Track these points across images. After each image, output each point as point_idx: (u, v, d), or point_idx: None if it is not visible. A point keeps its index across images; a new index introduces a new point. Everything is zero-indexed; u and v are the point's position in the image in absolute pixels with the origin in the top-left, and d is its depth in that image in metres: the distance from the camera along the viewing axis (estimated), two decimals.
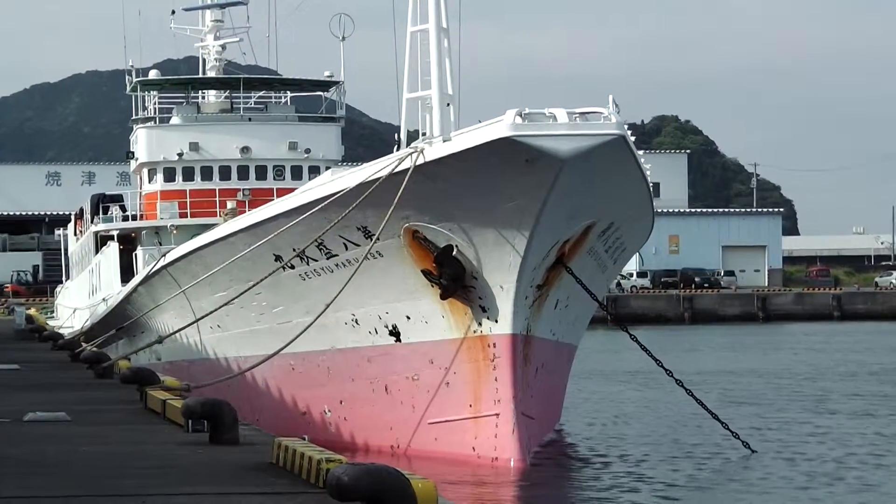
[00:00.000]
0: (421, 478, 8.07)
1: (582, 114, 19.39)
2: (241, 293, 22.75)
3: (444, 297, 20.86)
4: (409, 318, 21.63)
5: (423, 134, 23.47)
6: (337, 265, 21.92)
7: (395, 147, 25.29)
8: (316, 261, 22.13)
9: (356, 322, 22.31)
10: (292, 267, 22.43)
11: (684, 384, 22.75)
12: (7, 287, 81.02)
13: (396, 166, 19.95)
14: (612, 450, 23.15)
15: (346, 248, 21.55)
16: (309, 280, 22.57)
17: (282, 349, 21.80)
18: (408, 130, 25.44)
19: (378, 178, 20.17)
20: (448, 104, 24.55)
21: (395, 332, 21.94)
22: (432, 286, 20.92)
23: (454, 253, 20.54)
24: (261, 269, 22.93)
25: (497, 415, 20.71)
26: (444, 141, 19.96)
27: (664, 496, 18.42)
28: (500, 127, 18.95)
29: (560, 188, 19.28)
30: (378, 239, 20.65)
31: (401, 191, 19.74)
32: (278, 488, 9.41)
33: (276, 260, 22.67)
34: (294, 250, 22.14)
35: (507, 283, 20.45)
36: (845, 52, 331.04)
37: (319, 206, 21.08)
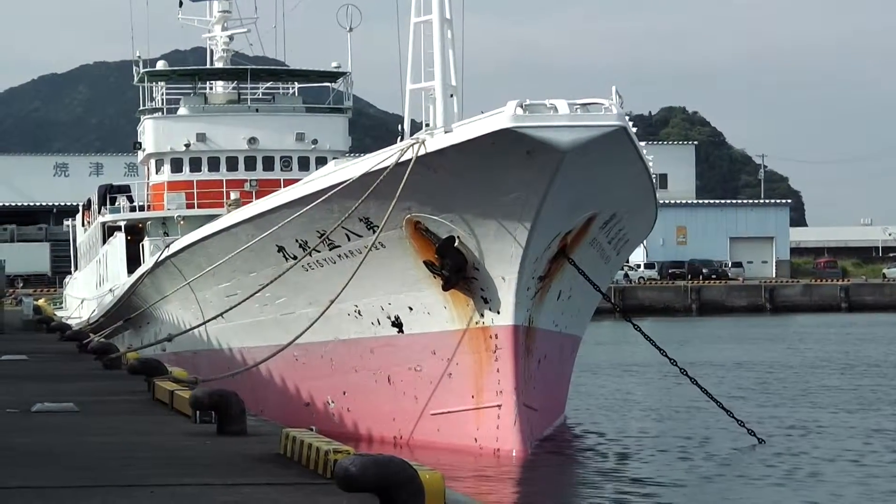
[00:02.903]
0: (429, 469, 8.09)
1: (583, 105, 19.47)
2: (254, 293, 22.88)
3: (446, 288, 20.97)
4: (411, 309, 21.75)
5: (427, 125, 23.57)
6: (339, 256, 22.05)
7: (399, 138, 25.43)
8: (318, 252, 22.26)
9: (359, 313, 22.46)
10: (295, 258, 22.59)
11: (689, 374, 22.82)
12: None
13: (398, 158, 20.06)
14: (616, 440, 23.20)
15: (349, 239, 21.67)
16: (311, 271, 22.71)
17: (292, 342, 21.94)
18: (413, 121, 25.54)
19: (381, 170, 20.28)
20: (451, 95, 24.63)
21: (397, 323, 22.07)
22: (434, 277, 21.04)
23: (456, 244, 20.66)
24: (263, 259, 23.08)
25: (499, 406, 20.83)
26: (446, 132, 20.07)
27: (669, 487, 18.43)
28: (501, 118, 19.04)
29: (561, 179, 19.38)
30: (380, 230, 20.76)
31: (403, 182, 19.86)
32: (286, 479, 9.47)
33: (278, 251, 22.82)
34: (297, 241, 22.28)
35: (508, 275, 20.55)
36: (854, 43, 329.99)
37: (322, 198, 21.20)
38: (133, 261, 33.65)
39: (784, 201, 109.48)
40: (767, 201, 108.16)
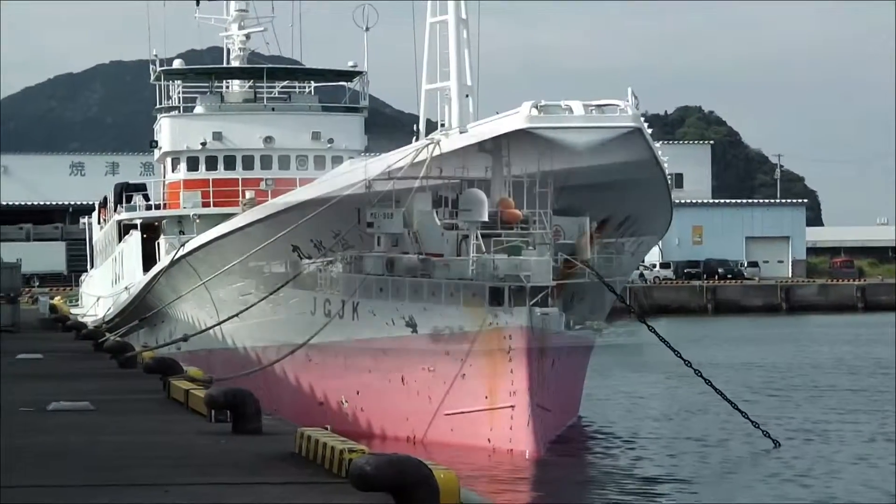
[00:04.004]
0: (444, 468, 8.11)
1: (598, 106, 19.49)
2: (269, 294, 22.89)
3: None
4: (425, 309, 21.78)
5: (442, 125, 23.59)
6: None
7: (414, 138, 25.44)
8: (333, 252, 22.29)
9: (373, 313, 22.49)
10: (309, 258, 22.64)
11: (704, 375, 22.76)
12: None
13: (414, 158, 20.10)
14: (629, 441, 23.17)
15: (363, 240, 21.70)
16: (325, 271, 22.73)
17: (306, 342, 21.96)
18: (429, 121, 25.55)
19: (397, 175, 20.32)
20: (467, 95, 24.65)
21: (411, 324, 22.10)
22: None
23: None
24: (278, 259, 23.12)
25: (512, 406, 20.85)
26: (461, 132, 20.10)
27: (682, 489, 18.44)
28: (516, 119, 19.09)
29: (575, 180, 19.39)
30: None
31: (418, 182, 19.89)
32: (301, 478, 9.49)
33: (293, 251, 22.87)
34: (312, 241, 22.32)
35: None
36: (870, 41, 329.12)
37: (336, 199, 21.23)
38: (149, 259, 33.71)
39: (800, 201, 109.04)
40: (783, 201, 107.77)
